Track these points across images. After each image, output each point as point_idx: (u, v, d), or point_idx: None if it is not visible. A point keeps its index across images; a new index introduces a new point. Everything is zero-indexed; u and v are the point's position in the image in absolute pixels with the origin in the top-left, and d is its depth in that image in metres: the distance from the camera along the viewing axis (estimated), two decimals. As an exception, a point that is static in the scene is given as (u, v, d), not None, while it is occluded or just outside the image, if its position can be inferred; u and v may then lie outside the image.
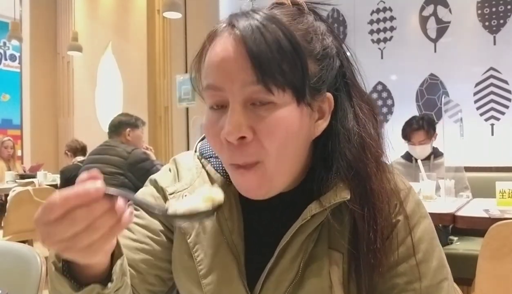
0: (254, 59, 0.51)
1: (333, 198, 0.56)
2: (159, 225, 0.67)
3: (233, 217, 0.62)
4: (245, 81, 0.52)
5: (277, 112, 0.52)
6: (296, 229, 0.57)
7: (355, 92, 0.60)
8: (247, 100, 0.53)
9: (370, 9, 4.04)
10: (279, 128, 0.52)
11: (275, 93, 0.52)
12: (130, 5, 5.23)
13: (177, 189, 0.66)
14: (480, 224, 1.79)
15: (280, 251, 0.58)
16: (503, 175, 2.92)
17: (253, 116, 0.53)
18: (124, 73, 5.26)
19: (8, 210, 3.18)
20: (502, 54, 3.46)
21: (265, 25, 0.52)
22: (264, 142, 0.53)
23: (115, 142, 2.72)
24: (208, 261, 0.62)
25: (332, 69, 0.57)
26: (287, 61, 0.51)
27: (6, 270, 1.03)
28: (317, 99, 0.56)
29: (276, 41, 0.51)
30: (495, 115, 3.50)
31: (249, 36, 0.51)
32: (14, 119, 6.83)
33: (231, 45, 0.53)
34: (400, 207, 0.59)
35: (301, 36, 0.54)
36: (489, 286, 1.55)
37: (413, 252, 0.58)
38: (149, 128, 4.64)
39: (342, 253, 0.58)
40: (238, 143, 0.53)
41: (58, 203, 0.42)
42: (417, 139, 2.69)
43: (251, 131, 0.52)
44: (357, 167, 0.56)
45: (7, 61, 7.23)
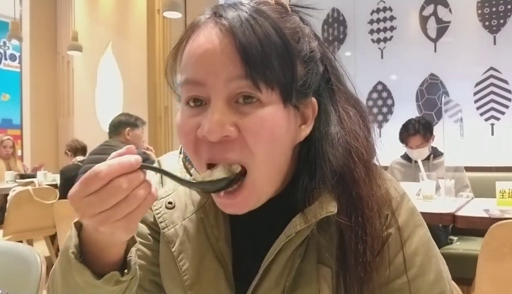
0: (244, 51, 0.46)
1: (318, 212, 0.52)
2: (146, 229, 0.64)
3: (219, 224, 0.59)
4: (231, 75, 0.47)
5: (263, 111, 0.48)
6: (280, 247, 0.53)
7: (340, 97, 0.57)
8: (231, 97, 0.49)
9: (370, 9, 4.04)
10: (265, 127, 0.48)
11: (263, 91, 0.48)
12: (130, 5, 5.23)
13: (160, 195, 0.62)
14: (480, 224, 1.80)
15: (265, 269, 0.55)
16: (503, 175, 2.92)
17: (237, 114, 0.48)
18: (124, 73, 5.26)
19: (8, 210, 3.18)
20: (502, 54, 3.46)
21: (255, 18, 0.48)
22: (249, 142, 0.48)
23: (115, 142, 2.72)
24: (193, 270, 0.59)
25: (316, 74, 0.54)
26: (278, 58, 0.48)
27: (6, 270, 1.03)
28: (302, 102, 0.52)
29: (267, 35, 0.47)
30: (495, 115, 3.50)
31: (239, 27, 0.47)
32: (14, 119, 6.84)
33: (217, 36, 0.48)
34: (392, 218, 0.55)
35: (290, 34, 0.51)
36: (489, 286, 1.55)
37: (405, 268, 0.54)
38: (149, 128, 4.65)
39: (331, 268, 0.54)
40: (219, 140, 0.48)
41: (102, 173, 0.42)
42: (414, 143, 2.70)
43: (235, 128, 0.48)
44: (341, 171, 0.52)
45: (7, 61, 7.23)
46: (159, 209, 0.61)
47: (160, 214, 0.61)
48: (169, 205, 0.61)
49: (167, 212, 0.61)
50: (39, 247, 3.66)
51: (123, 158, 0.44)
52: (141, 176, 0.45)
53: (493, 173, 3.04)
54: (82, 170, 2.71)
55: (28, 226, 3.26)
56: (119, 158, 0.44)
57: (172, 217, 0.61)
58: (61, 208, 2.60)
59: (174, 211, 0.61)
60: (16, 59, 6.99)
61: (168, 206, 0.61)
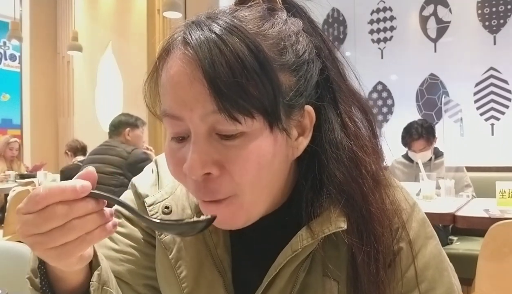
0: (211, 85, 0.42)
1: (326, 226, 0.50)
2: (140, 233, 0.62)
3: (218, 230, 0.56)
4: (205, 110, 0.44)
5: (247, 144, 0.45)
6: (285, 262, 0.51)
7: (342, 97, 0.53)
8: (211, 130, 0.45)
9: (370, 9, 4.04)
10: (250, 161, 0.45)
11: (242, 121, 0.44)
12: (130, 5, 5.23)
13: (156, 200, 0.59)
14: (480, 224, 1.80)
15: (269, 282, 0.53)
16: (503, 175, 2.91)
17: (220, 148, 0.46)
18: (124, 73, 5.26)
19: (8, 210, 3.18)
20: (502, 54, 3.46)
21: (224, 40, 0.43)
22: (234, 176, 0.46)
23: (115, 142, 2.72)
24: (192, 278, 0.56)
25: (311, 77, 0.49)
26: (253, 83, 0.43)
27: (6, 270, 1.03)
28: (294, 116, 0.48)
29: (238, 61, 0.42)
30: (495, 115, 3.50)
31: (205, 56, 0.43)
32: (14, 119, 6.83)
33: (184, 68, 0.44)
34: (403, 232, 0.53)
35: (270, 46, 0.46)
36: (489, 286, 1.55)
37: (416, 282, 0.53)
38: (149, 128, 4.64)
39: (338, 282, 0.52)
40: (204, 178, 0.46)
41: (41, 195, 0.40)
42: (418, 147, 2.70)
43: (217, 166, 0.46)
44: (350, 189, 0.50)
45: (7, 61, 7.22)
46: (155, 214, 0.58)
47: None
48: (166, 210, 0.58)
49: (163, 217, 0.58)
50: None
51: (67, 183, 0.41)
52: (88, 206, 0.41)
53: (493, 173, 3.04)
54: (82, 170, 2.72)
55: (28, 226, 3.26)
56: (63, 183, 0.41)
57: None
58: (61, 208, 2.60)
59: (171, 216, 0.58)
60: (16, 59, 6.98)
61: (164, 211, 0.58)
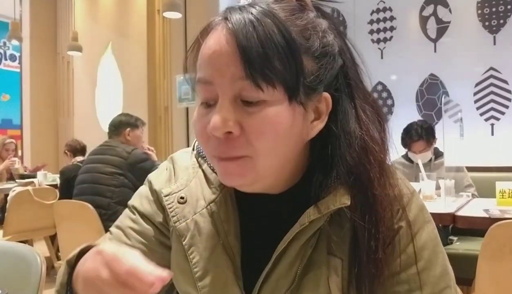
0: (243, 53, 0.49)
1: (332, 203, 0.54)
2: (152, 231, 0.66)
3: (229, 218, 0.61)
4: (234, 76, 0.50)
5: (267, 110, 0.50)
6: (293, 235, 0.55)
7: (358, 94, 0.58)
8: (237, 96, 0.51)
9: (370, 9, 4.04)
10: (268, 126, 0.50)
11: (265, 90, 0.50)
12: (130, 5, 5.23)
13: (172, 191, 0.64)
14: (480, 224, 1.80)
15: (277, 256, 0.57)
16: (503, 175, 2.91)
17: (242, 112, 0.51)
18: (124, 73, 5.26)
19: (8, 210, 3.18)
20: (502, 54, 3.46)
21: (259, 19, 0.50)
22: (252, 140, 0.51)
23: (115, 142, 2.72)
24: (203, 263, 0.61)
25: (331, 68, 0.55)
26: (279, 57, 0.49)
27: (6, 270, 1.03)
28: (312, 98, 0.54)
29: (268, 36, 0.49)
30: (495, 115, 3.50)
31: (241, 29, 0.49)
32: (14, 119, 6.84)
33: (222, 39, 0.51)
34: (403, 213, 0.57)
35: (298, 32, 0.52)
36: (489, 286, 1.55)
37: (415, 260, 0.56)
38: (149, 128, 4.64)
39: (342, 259, 0.56)
40: (225, 137, 0.51)
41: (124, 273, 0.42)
42: (418, 149, 2.70)
43: (238, 126, 0.51)
44: (358, 172, 0.54)
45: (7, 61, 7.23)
46: (171, 204, 0.63)
47: (172, 209, 0.63)
48: (181, 200, 0.63)
49: (179, 206, 0.63)
50: (39, 247, 3.66)
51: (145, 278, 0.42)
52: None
53: (493, 173, 3.04)
54: (82, 171, 2.72)
55: (28, 226, 3.26)
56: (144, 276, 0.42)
57: (183, 211, 0.63)
58: (61, 208, 2.60)
59: (186, 206, 0.63)
60: (16, 59, 6.99)
61: (180, 201, 0.63)
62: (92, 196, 2.53)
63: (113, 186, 2.54)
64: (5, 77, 7.10)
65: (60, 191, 3.33)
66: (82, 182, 2.65)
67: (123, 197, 2.55)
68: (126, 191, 2.57)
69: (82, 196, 2.57)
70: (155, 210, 0.67)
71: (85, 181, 2.63)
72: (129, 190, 2.58)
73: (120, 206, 2.53)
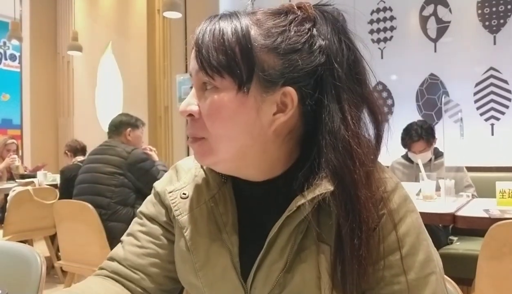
0: (198, 48, 0.59)
1: (317, 189, 0.57)
2: (159, 229, 0.73)
3: (228, 212, 0.66)
4: (195, 67, 0.59)
5: (216, 95, 0.58)
6: (283, 220, 0.60)
7: (349, 97, 0.59)
8: (201, 85, 0.60)
9: (370, 9, 4.04)
10: (213, 109, 0.58)
11: (215, 78, 0.57)
12: (130, 5, 5.23)
13: (175, 188, 0.71)
14: (480, 224, 1.80)
15: (270, 241, 0.61)
16: (503, 175, 2.91)
17: (202, 98, 0.60)
18: (124, 73, 5.26)
19: (8, 210, 3.18)
20: (502, 54, 3.46)
21: (220, 21, 0.59)
22: (205, 120, 0.59)
23: (115, 142, 2.72)
24: (203, 253, 0.66)
25: (299, 65, 0.58)
26: (227, 52, 0.57)
27: (6, 270, 1.03)
28: (271, 91, 0.58)
29: (220, 34, 0.58)
30: (495, 115, 3.50)
31: (205, 30, 0.59)
32: (14, 119, 6.84)
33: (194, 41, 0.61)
34: (386, 202, 0.60)
35: (262, 30, 0.59)
36: (489, 286, 1.55)
37: (398, 246, 0.59)
38: (149, 128, 4.64)
39: (330, 246, 0.59)
40: (191, 119, 0.61)
41: None
42: (418, 149, 2.69)
43: (197, 111, 0.60)
44: (342, 173, 0.56)
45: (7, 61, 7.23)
46: (174, 199, 0.69)
47: (175, 203, 0.69)
48: (183, 196, 0.70)
49: (181, 201, 0.69)
50: (39, 247, 3.66)
51: None
52: None
53: (493, 173, 3.04)
54: (82, 170, 2.72)
55: (28, 226, 3.26)
56: None
57: (185, 206, 0.69)
58: (61, 208, 2.60)
59: (188, 200, 0.69)
60: (16, 59, 6.99)
61: (182, 196, 0.70)
62: (92, 196, 2.53)
63: (113, 186, 2.54)
64: (5, 77, 7.10)
65: (60, 191, 3.33)
66: (82, 182, 2.65)
67: (123, 197, 2.55)
68: (126, 191, 2.57)
69: (82, 196, 2.57)
70: (159, 211, 0.74)
71: (85, 181, 2.63)
72: (129, 190, 2.58)
73: (120, 206, 2.53)
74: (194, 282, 0.67)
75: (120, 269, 0.71)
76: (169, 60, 4.91)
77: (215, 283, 0.65)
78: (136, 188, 2.60)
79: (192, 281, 0.67)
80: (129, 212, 2.54)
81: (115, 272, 0.71)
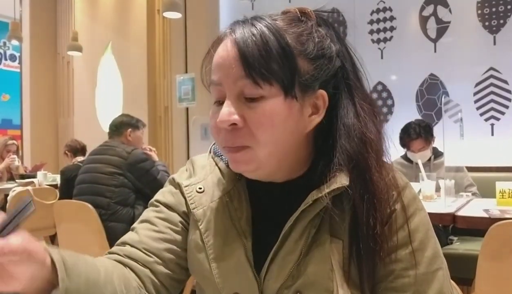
0: (243, 57, 0.58)
1: (333, 185, 0.60)
2: (178, 217, 0.74)
3: (242, 206, 0.69)
4: (236, 76, 0.59)
5: (265, 104, 0.59)
6: (298, 214, 0.62)
7: (357, 92, 0.65)
8: (240, 93, 0.60)
9: (370, 9, 4.04)
10: (266, 118, 0.59)
11: (263, 87, 0.58)
12: (130, 5, 5.23)
13: (191, 182, 0.73)
14: (480, 224, 1.80)
15: (285, 234, 0.63)
16: (503, 175, 2.92)
17: (245, 107, 0.60)
18: (124, 73, 5.26)
19: (8, 210, 3.18)
20: (502, 54, 3.46)
21: (258, 28, 0.60)
22: (253, 130, 0.59)
23: (115, 142, 2.72)
24: (217, 246, 0.67)
25: (327, 69, 0.63)
26: (274, 59, 0.58)
27: (6, 270, 1.03)
28: (308, 94, 0.62)
29: (264, 42, 0.59)
30: (495, 115, 3.50)
31: (242, 38, 0.59)
32: (14, 119, 6.84)
33: (228, 47, 0.61)
34: (398, 197, 0.63)
35: (293, 38, 0.61)
36: (489, 286, 1.55)
37: (409, 240, 0.61)
38: (149, 128, 4.64)
39: (342, 240, 0.62)
40: (231, 128, 0.60)
41: None
42: (416, 147, 2.70)
43: (242, 119, 0.60)
44: (356, 159, 0.61)
45: (7, 61, 7.23)
46: (190, 193, 0.72)
47: (191, 197, 0.72)
48: (199, 190, 0.72)
49: (197, 195, 0.71)
50: (39, 247, 3.65)
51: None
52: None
53: (493, 173, 3.04)
54: (82, 171, 2.72)
55: (28, 226, 3.26)
56: None
57: (201, 200, 0.71)
58: (61, 208, 2.60)
59: (203, 195, 0.71)
60: (16, 59, 6.99)
61: (198, 190, 0.72)
62: (92, 196, 2.53)
63: (113, 186, 2.54)
64: (5, 77, 7.10)
65: (60, 191, 3.33)
66: (82, 182, 2.65)
67: (122, 197, 2.55)
68: (126, 191, 2.57)
69: (82, 196, 2.57)
70: (179, 201, 0.75)
71: (84, 181, 2.63)
72: (128, 190, 2.58)
73: (119, 206, 2.53)
74: (207, 274, 0.68)
75: (133, 251, 0.70)
76: (169, 60, 4.91)
77: (229, 275, 0.66)
78: (136, 188, 2.60)
79: (205, 273, 0.68)
80: (129, 212, 2.54)
81: (127, 255, 0.70)
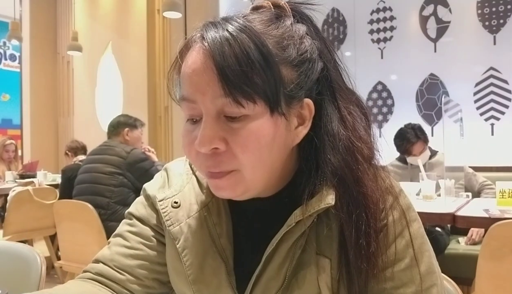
0: (221, 72, 0.49)
1: (317, 204, 0.55)
2: (150, 231, 0.68)
3: (222, 221, 0.63)
4: (214, 94, 0.51)
5: (249, 125, 0.51)
6: (281, 236, 0.56)
7: (341, 95, 0.58)
8: (220, 112, 0.52)
9: (370, 9, 4.04)
10: (251, 140, 0.52)
11: (245, 105, 0.50)
12: (130, 5, 5.23)
13: (166, 196, 0.66)
14: (480, 224, 1.80)
15: (267, 258, 0.58)
16: (503, 175, 2.92)
17: (226, 128, 0.52)
18: (124, 73, 5.26)
19: (8, 210, 3.18)
20: (502, 54, 3.46)
21: (234, 35, 0.50)
22: (238, 154, 0.52)
23: (114, 142, 2.72)
24: (196, 266, 0.62)
25: (312, 73, 0.56)
26: (257, 73, 0.50)
27: (6, 270, 1.03)
28: (294, 106, 0.55)
29: (244, 53, 0.50)
30: (495, 115, 3.50)
31: (217, 49, 0.50)
32: (14, 119, 6.84)
33: (199, 59, 0.52)
34: (388, 211, 0.57)
35: (275, 43, 0.53)
36: (489, 286, 1.55)
37: (400, 257, 0.57)
38: (149, 128, 4.65)
39: (330, 259, 0.57)
40: (212, 152, 0.53)
41: None
42: (418, 150, 2.71)
43: (223, 142, 0.52)
44: (342, 173, 0.55)
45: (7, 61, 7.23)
46: (165, 208, 0.64)
47: (166, 213, 0.64)
48: (175, 204, 0.64)
49: (172, 210, 0.64)
50: (39, 247, 3.65)
51: None
52: None
53: (493, 173, 3.04)
54: (81, 171, 2.72)
55: (28, 226, 3.26)
56: None
57: (177, 215, 0.64)
58: (61, 208, 2.60)
59: (179, 210, 0.64)
60: (16, 59, 6.99)
61: (173, 205, 0.64)
62: (91, 196, 2.53)
63: (112, 186, 2.54)
64: (5, 77, 7.10)
65: (61, 191, 3.33)
66: (82, 182, 2.65)
67: (122, 196, 2.55)
68: (125, 190, 2.57)
69: (81, 196, 2.58)
70: (150, 213, 0.69)
71: (84, 181, 2.64)
72: (128, 190, 2.58)
73: (119, 206, 2.53)
74: (188, 293, 0.63)
75: (105, 270, 0.66)
76: (169, 60, 4.91)
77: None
78: (135, 188, 2.60)
79: (186, 292, 0.63)
80: (129, 212, 2.55)
81: (99, 273, 0.66)
